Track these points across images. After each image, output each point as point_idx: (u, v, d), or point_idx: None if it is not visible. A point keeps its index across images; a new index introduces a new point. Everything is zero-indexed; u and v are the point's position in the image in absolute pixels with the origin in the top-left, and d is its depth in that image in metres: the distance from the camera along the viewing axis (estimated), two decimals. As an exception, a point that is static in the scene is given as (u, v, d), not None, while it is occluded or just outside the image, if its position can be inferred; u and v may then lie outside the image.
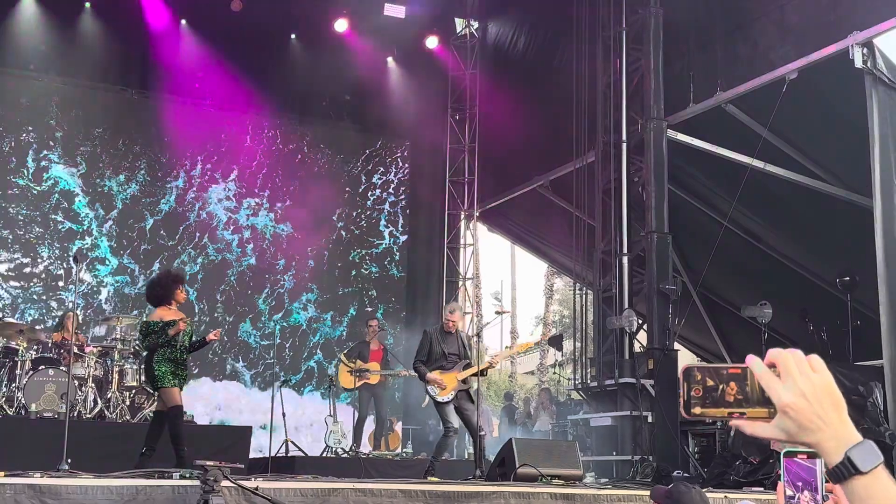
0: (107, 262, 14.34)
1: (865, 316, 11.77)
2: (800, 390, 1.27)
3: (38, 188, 14.05)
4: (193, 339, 8.74)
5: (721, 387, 1.32)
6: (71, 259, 8.62)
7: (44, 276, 13.99)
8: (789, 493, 1.42)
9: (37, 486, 5.99)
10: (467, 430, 9.63)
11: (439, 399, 9.27)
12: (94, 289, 14.22)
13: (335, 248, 16.00)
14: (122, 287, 14.40)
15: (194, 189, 15.02)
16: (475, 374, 9.52)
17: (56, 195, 14.15)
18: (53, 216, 14.10)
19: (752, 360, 1.31)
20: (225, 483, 6.01)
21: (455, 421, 9.23)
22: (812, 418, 1.27)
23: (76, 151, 14.34)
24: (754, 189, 11.77)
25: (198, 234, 14.90)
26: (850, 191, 11.46)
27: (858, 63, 9.93)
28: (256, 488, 6.21)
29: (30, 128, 14.15)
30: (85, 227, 14.19)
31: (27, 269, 13.91)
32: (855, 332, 11.50)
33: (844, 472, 1.25)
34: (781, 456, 1.37)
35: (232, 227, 15.22)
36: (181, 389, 8.50)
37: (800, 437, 1.28)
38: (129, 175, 14.62)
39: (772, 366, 1.30)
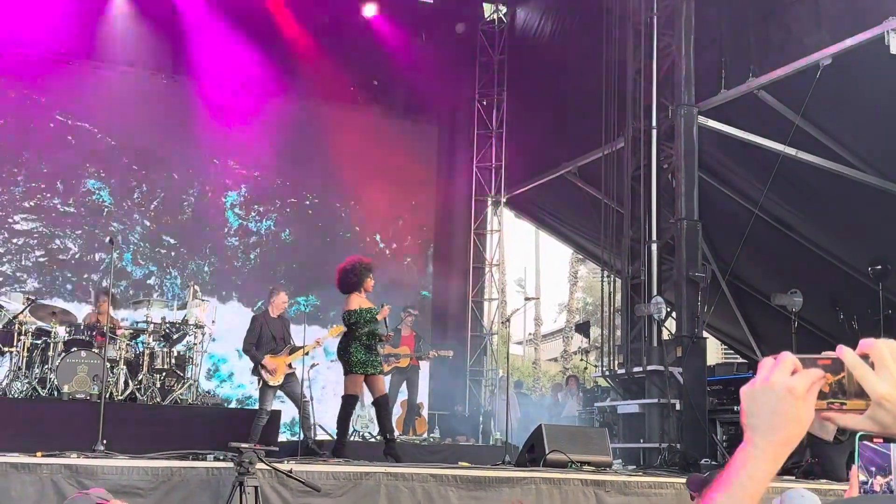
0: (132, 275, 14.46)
1: (897, 305, 11.69)
2: (895, 380, 1.24)
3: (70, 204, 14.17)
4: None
5: None
6: (106, 241, 8.65)
7: (74, 261, 14.10)
8: (863, 478, 1.39)
9: (73, 467, 6.06)
10: (293, 400, 10.20)
11: (272, 383, 9.78)
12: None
13: (358, 235, 15.97)
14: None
15: (210, 193, 14.97)
16: (304, 355, 10.23)
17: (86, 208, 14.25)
18: (87, 226, 14.21)
19: (843, 351, 1.27)
20: (259, 465, 6.04)
21: (270, 405, 9.83)
22: None
23: (106, 144, 14.37)
24: (786, 177, 11.68)
25: (212, 231, 14.92)
26: (884, 178, 11.35)
27: (894, 49, 9.81)
28: (290, 471, 6.25)
29: (60, 117, 14.20)
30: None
31: (61, 257, 14.01)
32: (886, 321, 11.41)
33: None
34: (857, 440, 1.34)
35: (242, 231, 15.20)
36: (374, 375, 8.95)
37: (894, 428, 1.25)
38: (155, 178, 14.64)
39: (864, 356, 1.26)
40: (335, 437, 9.16)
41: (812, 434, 1.26)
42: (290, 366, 9.95)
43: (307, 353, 10.19)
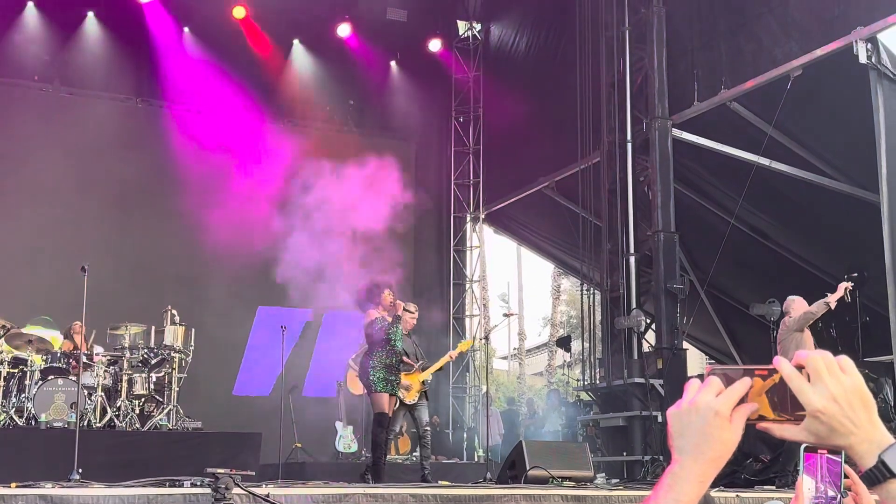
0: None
1: (874, 312, 11.74)
2: (830, 393, 1.23)
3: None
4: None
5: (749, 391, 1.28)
6: (80, 269, 8.59)
7: (48, 287, 13.98)
8: (808, 487, 1.39)
9: (48, 497, 5.99)
10: (416, 425, 9.74)
11: (408, 401, 9.48)
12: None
13: (336, 255, 15.83)
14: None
15: (186, 214, 14.82)
16: (437, 371, 10.06)
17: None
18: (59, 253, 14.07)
19: (780, 363, 1.28)
20: (236, 490, 6.00)
21: (398, 424, 9.66)
22: (843, 422, 1.23)
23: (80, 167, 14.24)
24: (760, 186, 11.74)
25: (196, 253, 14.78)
26: (857, 186, 11.44)
27: (863, 58, 9.91)
28: (267, 495, 6.20)
29: (33, 142, 14.10)
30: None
31: (33, 285, 13.89)
32: (864, 328, 11.47)
33: (879, 475, 1.22)
34: (802, 450, 1.34)
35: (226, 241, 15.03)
36: (393, 395, 9.01)
37: (831, 440, 1.24)
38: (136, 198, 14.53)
39: (800, 367, 1.27)
40: (372, 459, 9.01)
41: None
42: (423, 383, 9.68)
43: (440, 369, 10.14)
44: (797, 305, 9.81)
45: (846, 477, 1.38)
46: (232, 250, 14.94)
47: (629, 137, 12.88)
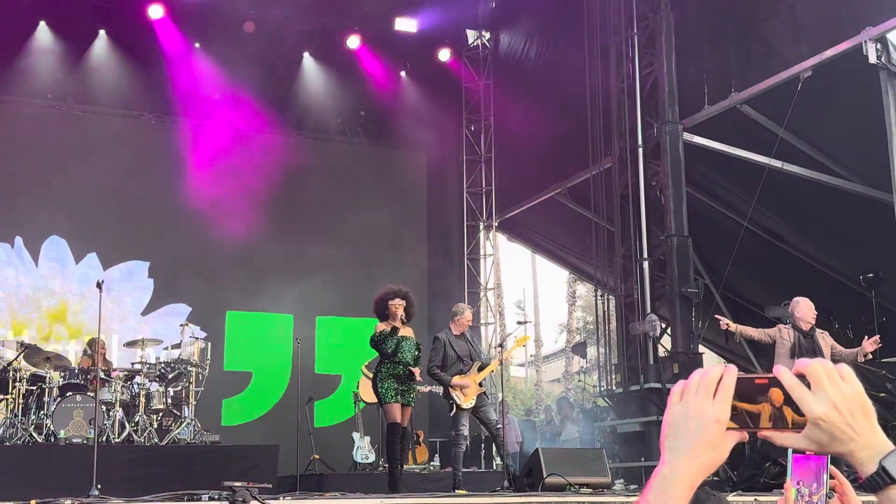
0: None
1: (891, 312, 11.71)
2: (831, 401, 1.25)
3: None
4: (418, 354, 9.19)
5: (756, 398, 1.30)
6: (95, 285, 8.65)
7: (63, 304, 14.08)
8: (796, 489, 1.41)
9: (68, 513, 6.04)
10: (485, 426, 9.61)
11: (465, 405, 9.15)
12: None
13: (352, 266, 15.89)
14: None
15: (197, 228, 14.83)
16: (492, 372, 9.78)
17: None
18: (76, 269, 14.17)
19: (780, 371, 1.29)
20: (253, 503, 6.03)
21: (467, 430, 9.25)
22: (844, 429, 1.25)
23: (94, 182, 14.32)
24: (773, 189, 11.73)
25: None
26: (870, 186, 11.40)
27: (873, 59, 9.89)
28: (285, 508, 6.23)
29: (46, 160, 14.19)
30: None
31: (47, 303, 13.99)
32: (881, 328, 11.41)
33: (880, 481, 1.24)
34: (790, 453, 1.35)
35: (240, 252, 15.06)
36: (407, 405, 8.98)
37: (832, 447, 1.26)
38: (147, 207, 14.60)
39: (800, 376, 1.29)
40: (392, 472, 8.83)
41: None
42: (480, 384, 9.39)
43: (494, 371, 9.93)
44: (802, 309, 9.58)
45: (832, 478, 1.40)
46: (246, 264, 15.04)
47: (640, 142, 12.89)
